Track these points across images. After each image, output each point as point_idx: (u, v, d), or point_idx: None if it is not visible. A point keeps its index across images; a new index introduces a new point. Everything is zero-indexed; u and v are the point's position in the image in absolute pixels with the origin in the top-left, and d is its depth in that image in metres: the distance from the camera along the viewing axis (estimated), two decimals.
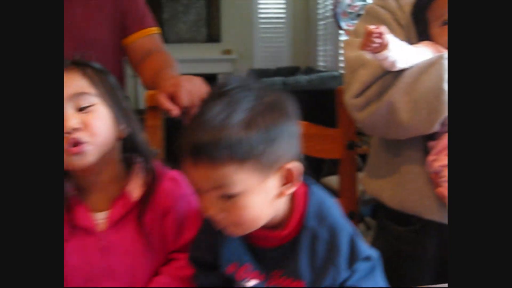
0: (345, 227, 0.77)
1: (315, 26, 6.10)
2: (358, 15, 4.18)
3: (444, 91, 0.94)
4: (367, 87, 1.05)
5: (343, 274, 0.77)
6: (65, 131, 0.80)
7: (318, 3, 5.90)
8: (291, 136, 0.72)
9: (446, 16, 0.99)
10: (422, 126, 1.00)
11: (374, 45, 0.92)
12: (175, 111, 1.09)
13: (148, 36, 1.45)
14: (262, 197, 0.71)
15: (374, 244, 1.19)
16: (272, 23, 6.61)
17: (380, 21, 1.09)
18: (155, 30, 1.48)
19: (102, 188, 0.88)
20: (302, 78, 4.50)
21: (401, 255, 1.13)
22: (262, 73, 5.27)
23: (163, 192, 0.89)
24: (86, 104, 0.83)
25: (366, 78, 1.05)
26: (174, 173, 0.93)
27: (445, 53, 0.98)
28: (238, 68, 6.31)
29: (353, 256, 0.77)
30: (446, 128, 0.98)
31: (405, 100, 0.99)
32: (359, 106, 1.06)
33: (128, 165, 0.91)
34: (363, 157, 1.42)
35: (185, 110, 1.12)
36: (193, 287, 0.85)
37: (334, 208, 0.78)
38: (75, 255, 0.85)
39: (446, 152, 0.98)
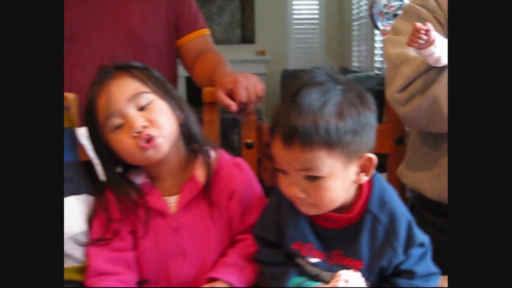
0: (404, 214, 0.83)
1: (349, 27, 6.11)
2: (395, 15, 4.18)
3: None
4: (411, 82, 1.09)
5: (400, 257, 0.82)
6: (135, 131, 0.87)
7: (352, 4, 5.90)
8: (372, 128, 0.79)
9: None
10: None
11: (421, 41, 0.97)
12: (233, 106, 1.16)
13: (200, 37, 1.53)
14: (342, 182, 0.78)
15: None
16: (305, 24, 6.65)
17: (420, 19, 1.13)
18: (206, 31, 1.56)
19: (171, 175, 0.96)
20: None
21: (441, 245, 1.16)
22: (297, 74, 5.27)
23: (229, 177, 0.96)
24: (146, 103, 0.90)
25: (410, 74, 1.09)
26: (238, 160, 1.00)
27: None
28: (272, 69, 6.36)
29: (410, 242, 0.83)
30: None
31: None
32: (403, 101, 1.11)
33: (193, 152, 0.97)
34: None
35: (242, 106, 1.19)
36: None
37: (395, 196, 0.84)
38: (150, 236, 0.93)
39: None
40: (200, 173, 0.95)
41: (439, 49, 0.99)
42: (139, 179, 0.95)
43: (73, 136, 0.98)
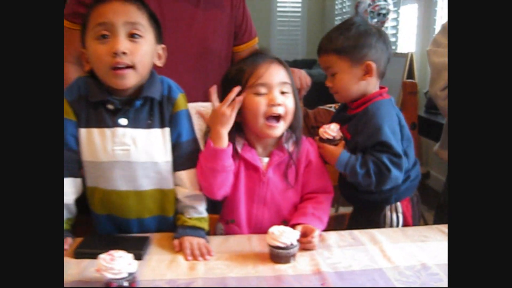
0: (386, 121, 1.26)
1: (332, 21, 6.43)
2: (379, 14, 4.51)
3: None
4: None
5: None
6: (271, 103, 1.14)
7: None
8: (378, 49, 1.28)
9: None
10: None
11: None
12: None
13: (254, 46, 1.74)
14: (350, 77, 1.28)
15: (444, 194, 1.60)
16: (288, 16, 6.94)
17: None
18: (257, 39, 1.77)
19: (264, 143, 1.22)
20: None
21: None
22: None
23: (307, 151, 1.24)
24: (286, 91, 1.18)
25: None
26: (310, 139, 1.29)
27: None
28: None
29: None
30: None
31: None
32: (443, 97, 1.43)
33: None
34: None
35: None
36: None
37: (387, 112, 1.27)
38: (244, 184, 1.20)
39: None
40: (287, 144, 1.22)
41: None
42: (241, 140, 1.21)
43: (190, 115, 1.23)
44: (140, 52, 1.06)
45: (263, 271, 0.98)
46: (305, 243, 1.08)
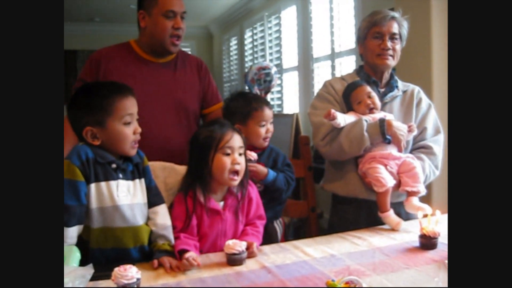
0: (282, 155, 1.99)
1: (221, 88, 7.11)
2: (265, 81, 5.22)
3: (365, 135, 1.87)
4: (327, 135, 1.97)
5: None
6: (235, 162, 1.58)
7: (223, 68, 6.93)
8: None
9: (359, 99, 1.96)
10: (355, 152, 1.93)
11: (331, 119, 1.86)
12: None
13: (219, 108, 2.17)
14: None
15: (332, 216, 2.10)
16: None
17: (327, 100, 2.03)
18: (222, 103, 2.19)
19: (220, 190, 1.65)
20: None
21: (346, 220, 2.03)
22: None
23: (248, 191, 1.68)
24: (242, 152, 1.66)
25: (325, 131, 1.97)
26: (249, 181, 1.74)
27: (363, 117, 1.92)
28: None
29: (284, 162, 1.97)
30: (366, 152, 1.92)
31: (346, 140, 1.91)
32: (323, 145, 1.97)
33: None
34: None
35: None
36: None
37: (280, 152, 1.99)
38: (210, 224, 1.59)
39: (366, 164, 1.91)
40: (236, 189, 1.66)
41: (339, 120, 1.89)
42: (201, 195, 1.62)
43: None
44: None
45: (226, 271, 1.39)
46: (249, 253, 1.50)
